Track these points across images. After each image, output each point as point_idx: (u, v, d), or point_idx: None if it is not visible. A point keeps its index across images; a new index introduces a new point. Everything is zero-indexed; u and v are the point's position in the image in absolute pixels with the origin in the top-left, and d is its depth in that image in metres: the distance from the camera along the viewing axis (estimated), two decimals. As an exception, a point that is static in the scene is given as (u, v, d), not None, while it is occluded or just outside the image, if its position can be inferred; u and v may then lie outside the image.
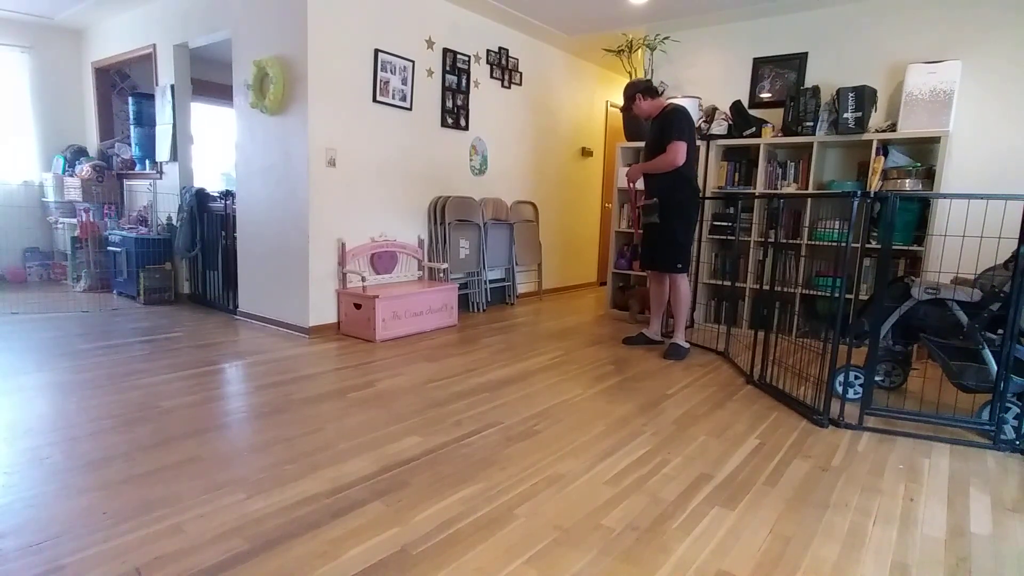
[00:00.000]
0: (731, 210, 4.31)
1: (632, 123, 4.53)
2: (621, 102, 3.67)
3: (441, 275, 4.38)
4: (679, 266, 3.46)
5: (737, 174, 4.36)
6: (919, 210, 3.61)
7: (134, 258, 4.60)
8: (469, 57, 4.59)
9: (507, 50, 4.97)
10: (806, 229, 3.99)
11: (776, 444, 2.24)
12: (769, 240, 3.55)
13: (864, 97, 3.68)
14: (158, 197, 4.90)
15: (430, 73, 4.29)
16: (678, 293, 3.51)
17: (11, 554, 1.39)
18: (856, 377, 2.71)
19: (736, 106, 4.33)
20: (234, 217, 4.15)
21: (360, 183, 3.91)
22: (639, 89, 3.49)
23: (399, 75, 4.03)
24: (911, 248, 3.62)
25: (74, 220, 5.07)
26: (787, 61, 4.34)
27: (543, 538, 1.54)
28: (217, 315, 4.27)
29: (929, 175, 3.59)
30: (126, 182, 5.33)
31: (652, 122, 3.49)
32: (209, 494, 1.70)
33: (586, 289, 6.28)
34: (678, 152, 3.28)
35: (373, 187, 4.00)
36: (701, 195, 3.67)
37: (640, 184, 3.61)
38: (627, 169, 3.65)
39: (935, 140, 3.56)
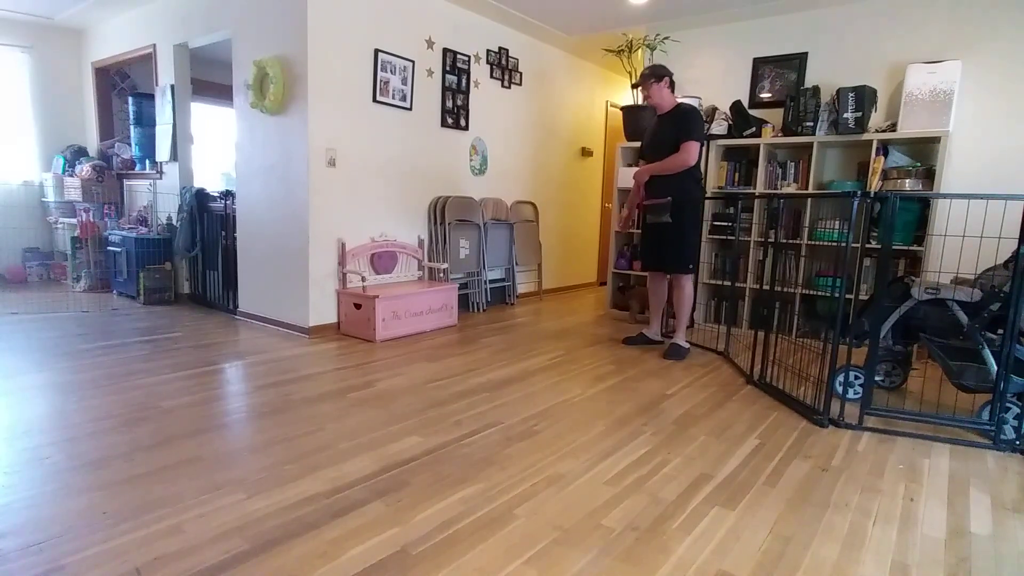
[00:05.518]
0: (731, 210, 4.31)
1: (632, 120, 4.53)
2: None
3: (441, 275, 4.38)
4: (690, 267, 3.46)
5: (737, 174, 4.36)
6: (919, 210, 3.61)
7: (134, 258, 4.60)
8: (469, 57, 4.59)
9: (507, 50, 4.97)
10: (806, 229, 3.99)
11: (776, 444, 2.24)
12: (769, 240, 3.54)
13: (864, 97, 3.67)
14: (158, 197, 4.90)
15: (430, 73, 4.29)
16: (683, 293, 3.51)
17: (11, 554, 1.39)
18: (856, 377, 2.71)
19: (736, 106, 4.33)
20: (234, 217, 4.15)
21: (360, 183, 3.91)
22: (669, 75, 3.39)
23: (399, 75, 4.03)
24: (911, 248, 3.62)
25: (74, 220, 5.06)
26: (787, 61, 4.34)
27: (543, 538, 1.54)
28: (217, 315, 4.27)
29: (929, 175, 3.59)
30: (126, 182, 5.33)
31: (661, 119, 3.46)
32: (209, 494, 1.70)
33: (586, 289, 6.28)
34: (692, 152, 3.30)
35: (373, 187, 4.00)
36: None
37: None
38: (634, 171, 3.63)
39: (935, 140, 3.56)
